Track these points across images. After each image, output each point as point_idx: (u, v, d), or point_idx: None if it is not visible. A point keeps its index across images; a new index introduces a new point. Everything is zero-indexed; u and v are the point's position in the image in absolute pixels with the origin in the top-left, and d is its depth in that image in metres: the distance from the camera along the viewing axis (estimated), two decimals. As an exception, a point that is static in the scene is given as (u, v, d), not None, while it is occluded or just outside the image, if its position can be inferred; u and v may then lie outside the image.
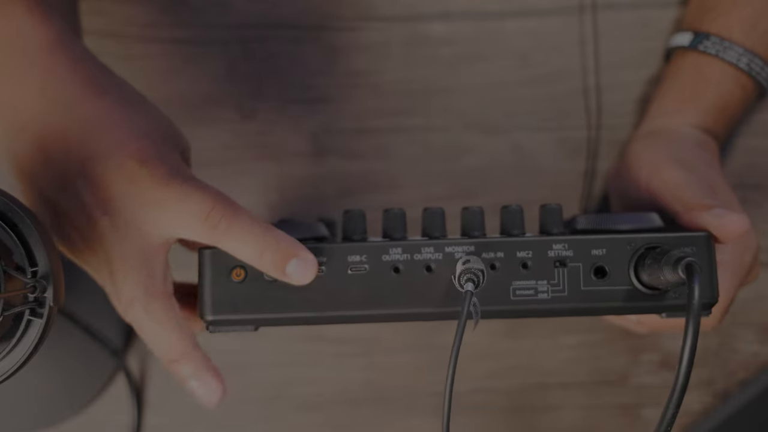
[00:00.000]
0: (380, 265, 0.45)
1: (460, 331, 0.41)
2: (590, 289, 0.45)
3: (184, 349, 0.45)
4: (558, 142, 0.64)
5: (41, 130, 0.44)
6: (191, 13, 0.64)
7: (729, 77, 0.58)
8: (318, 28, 0.65)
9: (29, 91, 0.45)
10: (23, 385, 0.59)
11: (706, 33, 0.59)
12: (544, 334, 0.62)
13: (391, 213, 0.46)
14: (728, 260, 0.50)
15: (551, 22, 0.65)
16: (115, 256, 0.44)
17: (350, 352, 0.62)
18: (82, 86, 0.45)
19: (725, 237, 0.46)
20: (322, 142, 0.64)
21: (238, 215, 0.42)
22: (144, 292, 0.44)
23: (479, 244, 0.45)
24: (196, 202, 0.42)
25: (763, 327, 0.63)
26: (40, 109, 0.45)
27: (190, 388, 0.46)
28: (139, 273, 0.44)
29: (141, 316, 0.44)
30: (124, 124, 0.44)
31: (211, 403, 0.47)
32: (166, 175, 0.43)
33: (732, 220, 0.46)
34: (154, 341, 0.45)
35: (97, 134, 0.44)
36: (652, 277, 0.44)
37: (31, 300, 0.37)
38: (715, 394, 0.62)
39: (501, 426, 0.62)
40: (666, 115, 0.59)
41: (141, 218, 0.43)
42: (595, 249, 0.45)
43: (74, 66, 0.46)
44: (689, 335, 0.39)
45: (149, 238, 0.43)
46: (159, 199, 0.42)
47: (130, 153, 0.43)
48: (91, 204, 0.43)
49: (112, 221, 0.43)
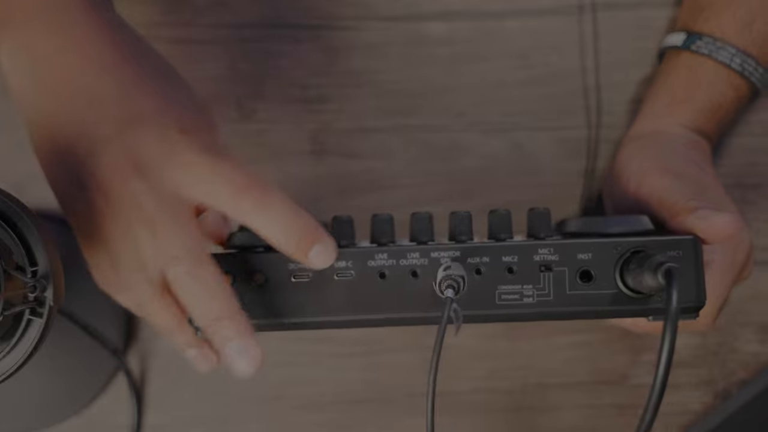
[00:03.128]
0: (366, 270, 0.45)
1: (440, 337, 0.41)
2: (576, 293, 0.45)
3: (228, 308, 0.43)
4: (558, 142, 0.64)
5: (78, 88, 0.44)
6: (191, 13, 0.64)
7: (722, 77, 0.58)
8: (318, 28, 0.65)
9: (60, 54, 0.45)
10: (23, 385, 0.59)
11: (699, 33, 0.59)
12: (544, 335, 0.62)
13: (378, 218, 0.46)
14: (719, 260, 0.49)
15: (551, 22, 0.65)
16: (153, 219, 0.43)
17: (350, 352, 0.62)
18: (117, 51, 0.45)
19: (712, 238, 0.46)
20: (322, 141, 0.64)
21: (269, 193, 0.43)
22: (187, 252, 0.43)
23: (465, 249, 0.45)
24: (230, 175, 0.42)
25: (762, 327, 0.63)
26: (78, 67, 0.44)
27: (230, 350, 0.44)
28: (181, 234, 0.43)
29: (183, 275, 0.43)
30: (163, 92, 0.44)
31: (248, 372, 0.44)
32: (204, 146, 0.43)
33: (718, 221, 0.46)
34: (198, 301, 0.43)
35: (136, 98, 0.44)
36: (636, 281, 0.44)
37: (31, 299, 0.37)
38: (715, 394, 0.62)
39: (501, 426, 0.62)
40: (658, 116, 0.59)
41: (178, 182, 0.42)
42: (581, 253, 0.45)
43: (108, 30, 0.46)
44: (666, 341, 0.39)
45: (186, 201, 0.43)
46: (196, 168, 0.42)
47: (170, 121, 0.43)
48: (124, 168, 0.43)
49: (147, 184, 0.43)
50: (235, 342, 0.43)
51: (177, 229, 0.43)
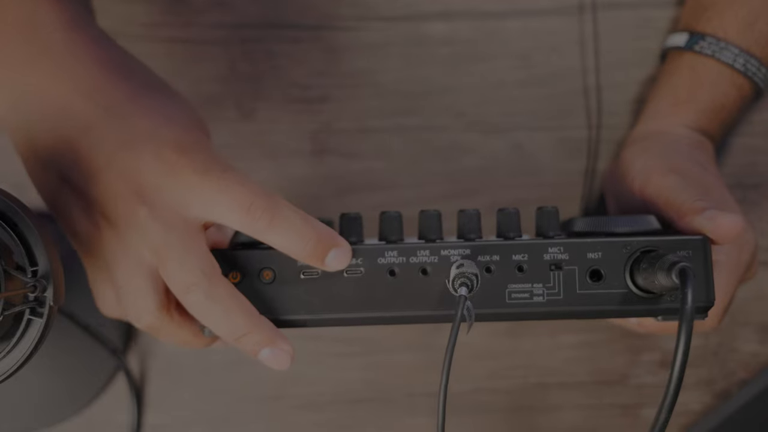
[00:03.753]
0: (376, 267, 0.45)
1: (453, 336, 0.41)
2: (586, 293, 0.45)
3: (251, 321, 0.44)
4: (558, 142, 0.64)
5: (64, 119, 0.43)
6: (191, 13, 0.64)
7: (725, 78, 0.58)
8: (318, 28, 0.65)
9: (44, 79, 0.44)
10: (23, 385, 0.59)
11: (702, 33, 0.59)
12: (544, 334, 0.62)
13: (387, 216, 0.46)
14: (725, 260, 0.50)
15: (551, 22, 0.65)
16: (163, 246, 0.42)
17: (350, 352, 0.62)
18: (104, 68, 0.44)
19: (721, 238, 0.46)
20: (322, 141, 0.64)
21: (278, 208, 0.42)
22: (203, 276, 0.43)
23: (475, 247, 0.45)
24: (235, 194, 0.42)
25: (762, 327, 0.63)
26: (60, 96, 0.43)
27: (263, 356, 0.44)
28: (194, 258, 0.43)
29: (202, 299, 0.43)
30: (154, 111, 0.43)
31: (285, 365, 0.45)
32: (205, 164, 0.42)
33: (726, 221, 0.46)
34: (221, 322, 0.44)
35: (128, 122, 0.43)
36: (647, 281, 0.44)
37: (31, 299, 0.37)
38: (715, 394, 0.62)
39: (501, 426, 0.62)
40: (661, 117, 0.59)
41: (183, 204, 0.42)
42: (590, 252, 0.45)
43: (93, 46, 0.45)
44: (682, 341, 0.39)
45: (194, 222, 0.43)
46: (200, 188, 0.42)
47: (166, 142, 0.42)
48: (125, 194, 0.42)
49: (153, 211, 0.42)
50: (266, 348, 0.44)
51: (187, 255, 0.43)
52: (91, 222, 0.44)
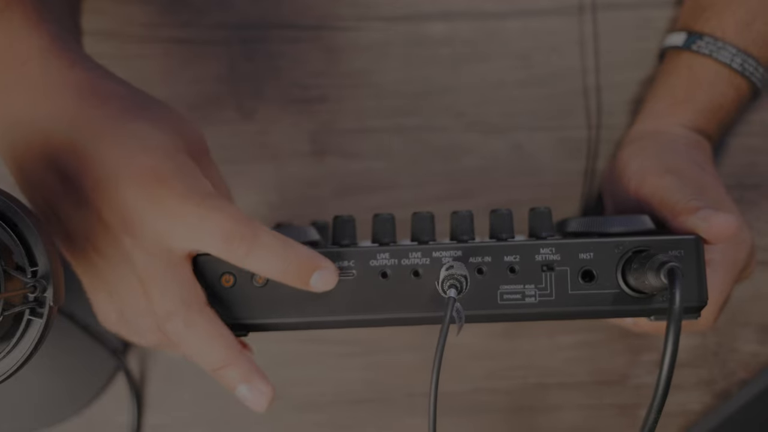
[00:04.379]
0: (368, 270, 0.45)
1: (442, 337, 0.41)
2: (578, 293, 0.45)
3: (229, 355, 0.44)
4: (558, 142, 0.64)
5: (47, 148, 0.43)
6: (191, 13, 0.64)
7: (722, 78, 0.58)
8: (318, 28, 0.65)
9: (23, 109, 0.44)
10: (23, 385, 0.59)
11: (700, 33, 0.59)
12: (543, 335, 0.62)
13: (380, 218, 0.46)
14: (720, 259, 0.49)
15: (551, 22, 0.65)
16: (146, 275, 0.43)
17: (350, 352, 0.62)
18: (79, 94, 0.44)
19: (714, 238, 0.46)
20: (322, 142, 0.64)
21: (257, 236, 0.42)
22: (182, 305, 0.43)
23: (467, 249, 0.45)
24: (214, 223, 0.42)
25: (762, 327, 0.63)
26: (41, 128, 0.43)
27: (239, 393, 0.45)
28: (176, 287, 0.43)
29: (181, 328, 0.43)
30: (133, 138, 0.43)
31: (261, 407, 0.45)
32: (184, 193, 0.42)
33: (719, 221, 0.46)
34: (199, 352, 0.44)
35: (107, 150, 0.42)
36: (638, 281, 0.44)
37: (31, 300, 0.37)
38: (715, 394, 0.62)
39: (501, 426, 0.62)
40: (658, 116, 0.59)
41: (165, 233, 0.42)
42: (582, 252, 0.45)
43: (69, 72, 0.44)
44: (670, 341, 0.39)
45: (177, 251, 0.43)
46: (181, 218, 0.42)
47: (145, 171, 0.42)
48: (111, 223, 0.42)
49: (136, 240, 0.42)
50: (242, 385, 0.45)
51: (169, 284, 0.43)
52: (79, 249, 0.45)
